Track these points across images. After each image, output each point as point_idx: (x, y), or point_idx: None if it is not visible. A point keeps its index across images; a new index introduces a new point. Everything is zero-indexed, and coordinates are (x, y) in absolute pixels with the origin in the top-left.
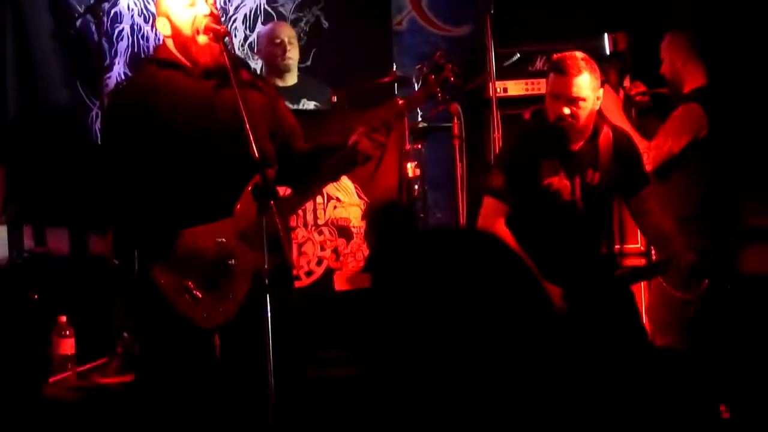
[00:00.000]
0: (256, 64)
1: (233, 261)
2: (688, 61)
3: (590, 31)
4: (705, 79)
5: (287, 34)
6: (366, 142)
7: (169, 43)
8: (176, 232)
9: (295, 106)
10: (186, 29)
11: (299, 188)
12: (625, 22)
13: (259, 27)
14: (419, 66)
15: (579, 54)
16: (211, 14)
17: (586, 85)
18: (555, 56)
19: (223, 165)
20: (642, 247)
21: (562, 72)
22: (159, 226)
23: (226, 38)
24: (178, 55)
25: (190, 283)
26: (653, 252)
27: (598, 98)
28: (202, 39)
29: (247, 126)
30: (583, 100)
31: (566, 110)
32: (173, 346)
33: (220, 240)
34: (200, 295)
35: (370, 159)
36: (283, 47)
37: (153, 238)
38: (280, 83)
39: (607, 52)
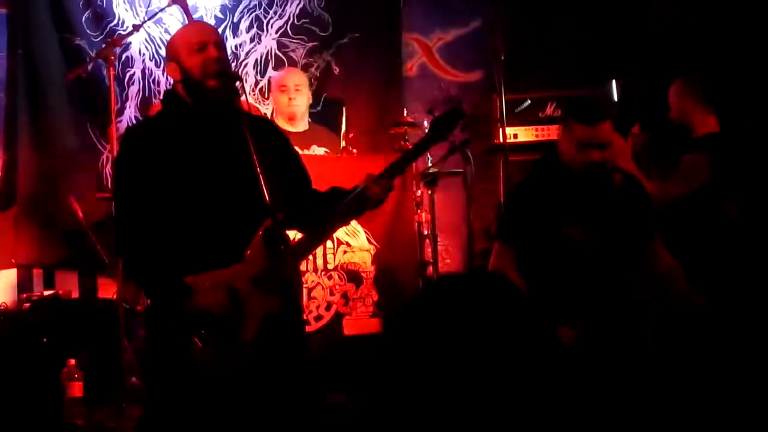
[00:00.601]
0: (267, 109)
1: (244, 306)
2: (698, 107)
3: (599, 78)
4: (716, 125)
5: (295, 80)
6: (375, 187)
7: (180, 87)
8: (188, 278)
9: (305, 152)
10: (196, 73)
11: (309, 233)
12: (633, 68)
13: (270, 72)
14: (430, 109)
15: (594, 100)
16: (222, 58)
17: (610, 129)
18: (571, 106)
19: (233, 209)
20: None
21: (590, 120)
22: (170, 271)
23: (238, 82)
24: (188, 99)
25: (200, 327)
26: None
27: (615, 143)
28: (213, 83)
29: (259, 170)
30: (610, 144)
31: (599, 156)
32: (182, 390)
33: (231, 285)
34: (211, 340)
35: (380, 204)
36: (289, 93)
37: (164, 283)
38: (290, 128)
39: (615, 98)
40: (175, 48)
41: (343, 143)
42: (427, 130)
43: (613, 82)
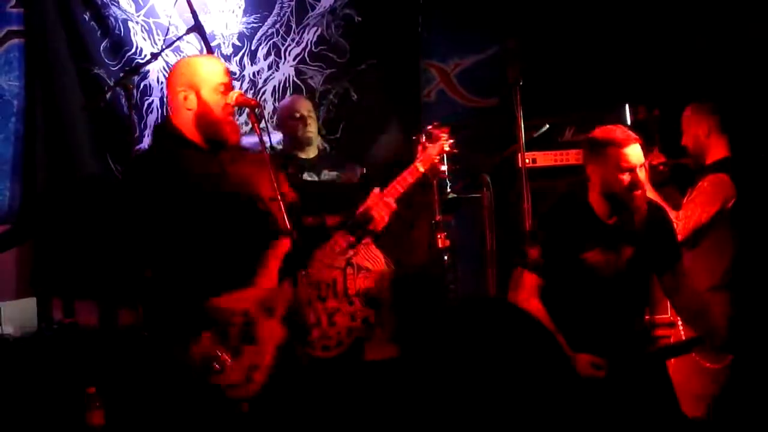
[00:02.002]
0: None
1: (256, 329)
2: (712, 133)
3: (616, 102)
4: (728, 150)
5: (306, 107)
6: (378, 208)
7: (188, 115)
8: (201, 302)
9: (316, 178)
10: (217, 111)
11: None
12: (652, 93)
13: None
14: (415, 137)
15: (618, 125)
16: (242, 98)
17: (641, 152)
18: (600, 132)
19: (243, 235)
20: (672, 318)
21: (623, 143)
22: (182, 296)
23: (257, 110)
24: (195, 131)
25: (216, 351)
26: (681, 324)
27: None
28: (233, 118)
29: (278, 195)
30: (642, 167)
31: (641, 174)
32: (201, 415)
33: (243, 308)
34: (227, 362)
35: (382, 224)
36: (303, 121)
37: (178, 308)
38: (301, 155)
39: (628, 123)
40: (197, 80)
41: (359, 170)
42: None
43: (627, 106)
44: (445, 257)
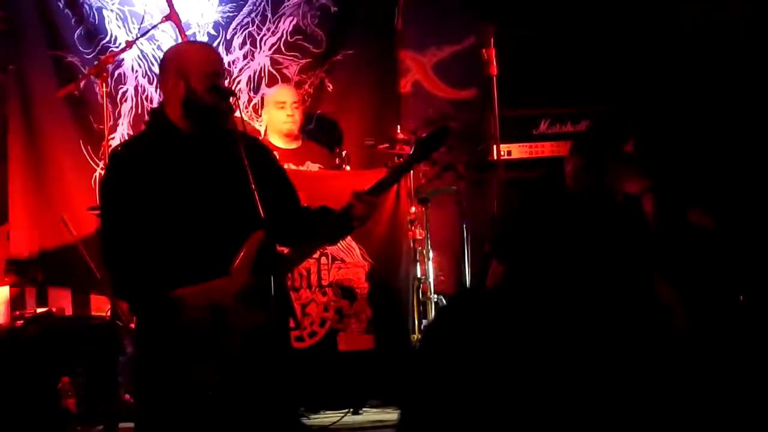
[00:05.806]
0: (260, 126)
1: (227, 321)
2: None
3: (591, 96)
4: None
5: (292, 97)
6: (359, 204)
7: (178, 103)
8: (172, 291)
9: (300, 168)
10: (207, 98)
11: (294, 249)
12: (626, 90)
13: (263, 89)
14: (413, 131)
15: (596, 134)
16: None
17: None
18: (579, 136)
19: (219, 224)
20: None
21: (586, 156)
22: (157, 287)
23: (232, 98)
24: (180, 117)
25: (186, 341)
26: None
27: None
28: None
29: (253, 185)
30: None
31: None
32: (171, 404)
33: (214, 298)
34: (196, 353)
35: (365, 220)
36: (287, 110)
37: (150, 298)
38: (284, 146)
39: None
40: (186, 68)
41: (336, 160)
42: (411, 151)
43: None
44: (419, 248)
